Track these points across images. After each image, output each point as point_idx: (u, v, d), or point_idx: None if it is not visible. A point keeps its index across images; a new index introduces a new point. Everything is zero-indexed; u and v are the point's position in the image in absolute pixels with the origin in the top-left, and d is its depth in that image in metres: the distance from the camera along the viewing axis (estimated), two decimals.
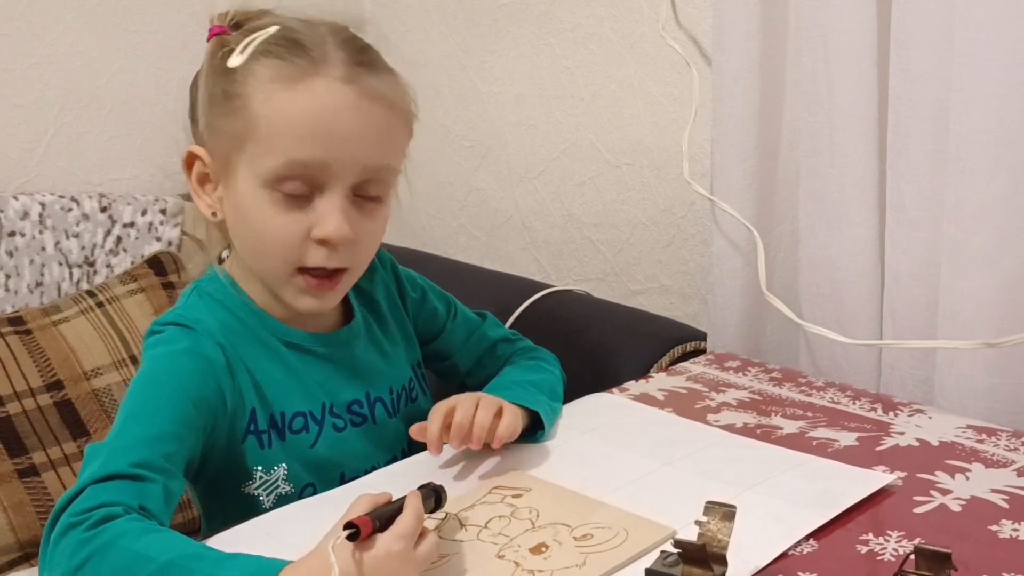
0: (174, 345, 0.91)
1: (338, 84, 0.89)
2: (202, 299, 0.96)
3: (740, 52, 1.21)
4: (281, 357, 0.96)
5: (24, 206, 1.41)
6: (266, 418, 0.94)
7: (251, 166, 0.90)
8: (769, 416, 1.06)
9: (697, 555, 0.70)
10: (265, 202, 0.90)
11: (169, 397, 0.87)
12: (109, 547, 0.74)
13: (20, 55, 1.52)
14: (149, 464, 0.82)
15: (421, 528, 0.77)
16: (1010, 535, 0.81)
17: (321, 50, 0.90)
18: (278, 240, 0.90)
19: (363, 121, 0.90)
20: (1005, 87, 1.01)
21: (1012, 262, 1.04)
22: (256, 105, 0.89)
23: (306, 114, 0.88)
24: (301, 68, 0.89)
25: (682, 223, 1.49)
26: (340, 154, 0.89)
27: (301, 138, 0.88)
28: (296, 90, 0.88)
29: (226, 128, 0.90)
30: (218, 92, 0.91)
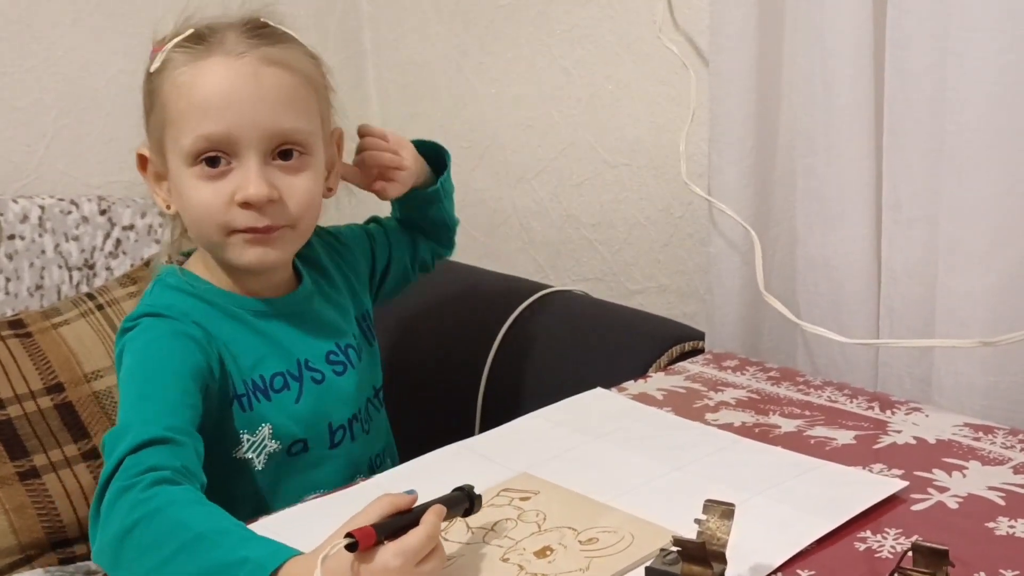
0: (153, 331, 0.97)
1: (232, 58, 0.97)
2: (164, 290, 1.03)
3: (737, 53, 1.21)
4: (252, 326, 1.03)
5: (24, 209, 1.41)
6: (242, 384, 1.00)
7: (174, 149, 0.98)
8: (767, 415, 1.07)
9: (696, 553, 0.70)
10: (191, 177, 0.97)
11: (169, 374, 0.93)
12: (158, 513, 0.80)
13: (19, 58, 1.52)
14: (178, 428, 0.88)
15: (431, 547, 0.75)
16: (1007, 532, 0.82)
17: (219, 35, 0.98)
18: (206, 209, 0.97)
19: (259, 87, 0.97)
20: (1000, 87, 1.01)
21: (1008, 260, 1.05)
22: (165, 93, 0.97)
23: (204, 89, 0.96)
24: (199, 52, 0.97)
25: (680, 223, 1.49)
26: (242, 121, 0.96)
27: (204, 114, 0.95)
28: (195, 71, 0.96)
29: (153, 124, 1.00)
30: (145, 97, 1.01)
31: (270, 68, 0.97)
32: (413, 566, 0.73)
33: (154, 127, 1.00)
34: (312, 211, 1.03)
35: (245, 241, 0.98)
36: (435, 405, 1.39)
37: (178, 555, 0.77)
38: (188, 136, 0.96)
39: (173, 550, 0.78)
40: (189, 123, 0.96)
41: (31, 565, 1.22)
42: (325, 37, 1.81)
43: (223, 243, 0.99)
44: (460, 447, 1.03)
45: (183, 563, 0.77)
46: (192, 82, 0.96)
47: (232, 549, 0.76)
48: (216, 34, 0.98)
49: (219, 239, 0.99)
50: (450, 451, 1.02)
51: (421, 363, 1.41)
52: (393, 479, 0.97)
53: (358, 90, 1.88)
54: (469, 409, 1.33)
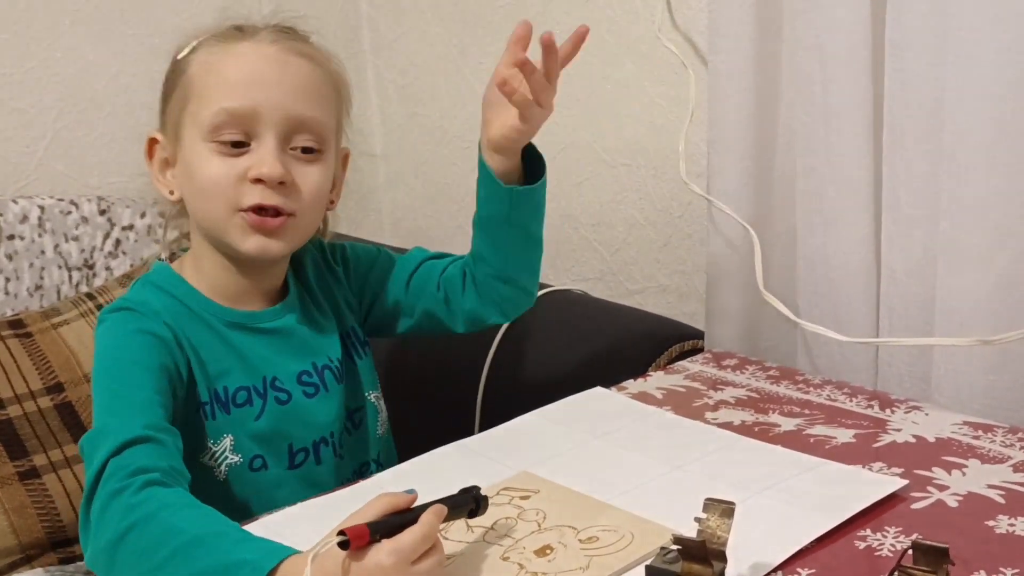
0: (121, 327, 0.98)
1: (264, 44, 1.00)
2: (146, 287, 1.03)
3: (735, 53, 1.21)
4: (223, 336, 1.02)
5: (23, 209, 1.41)
6: (207, 392, 1.00)
7: (193, 124, 0.99)
8: (767, 414, 1.07)
9: (697, 552, 0.70)
10: (206, 151, 0.98)
11: (139, 370, 0.94)
12: (151, 518, 0.80)
13: (18, 59, 1.52)
14: (156, 425, 0.88)
15: (426, 546, 0.74)
16: (1007, 530, 0.82)
17: (252, 29, 1.02)
18: (218, 182, 0.98)
19: (286, 73, 1.00)
20: (999, 86, 1.01)
21: (1008, 259, 1.05)
22: (192, 69, 1.00)
23: (235, 68, 0.99)
24: (232, 38, 1.01)
25: (679, 223, 1.50)
26: (267, 101, 0.98)
27: (231, 88, 0.98)
28: (226, 53, 1.00)
29: (173, 103, 1.01)
30: (168, 80, 1.03)
31: (298, 58, 1.01)
32: (407, 565, 0.73)
33: (173, 106, 1.01)
34: (318, 206, 1.03)
35: (249, 224, 0.98)
36: (435, 404, 1.39)
37: (174, 559, 0.77)
38: (211, 108, 0.97)
39: (168, 554, 0.78)
40: (214, 96, 0.98)
41: (31, 565, 1.22)
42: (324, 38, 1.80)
43: (227, 223, 0.99)
44: (460, 446, 1.03)
45: (179, 567, 0.77)
46: (222, 60, 0.99)
47: (228, 551, 0.76)
48: (250, 27, 1.02)
49: (224, 216, 0.99)
50: (449, 450, 1.02)
51: (421, 363, 1.41)
52: (392, 478, 0.97)
53: (357, 90, 1.86)
54: (469, 408, 1.33)
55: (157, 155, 1.04)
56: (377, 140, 1.92)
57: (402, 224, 1.92)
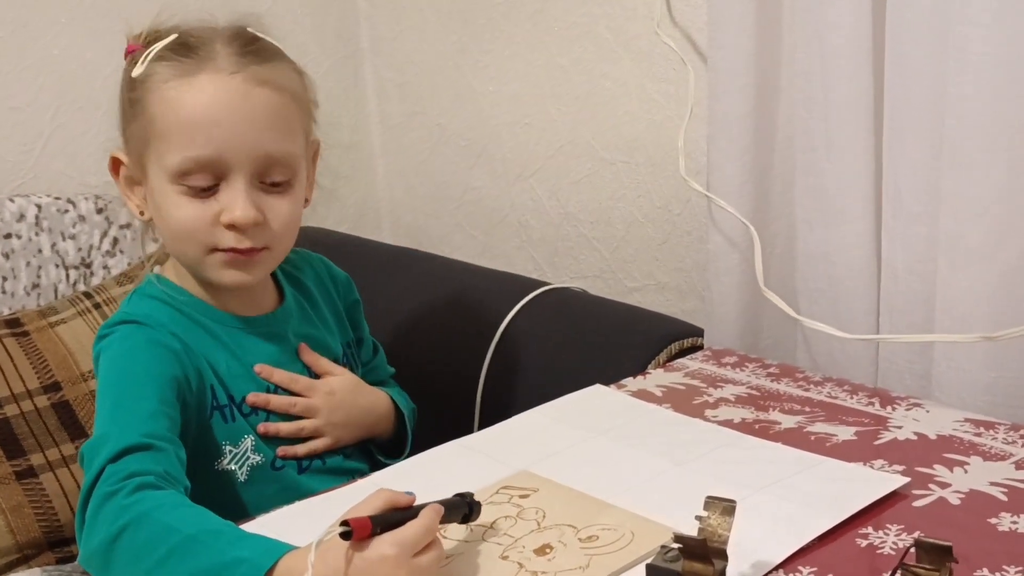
0: (130, 340, 0.96)
1: (223, 76, 0.94)
2: (143, 300, 1.02)
3: (735, 49, 1.21)
4: (225, 344, 1.02)
5: (20, 208, 1.40)
6: (224, 395, 1.00)
7: (157, 163, 0.96)
8: (767, 411, 1.06)
9: (698, 550, 0.70)
10: (173, 194, 0.96)
11: (146, 382, 0.92)
12: (144, 518, 0.79)
13: (15, 57, 1.51)
14: (157, 435, 0.88)
15: (428, 540, 0.75)
16: (1009, 528, 0.81)
17: (209, 48, 0.96)
18: (190, 227, 0.96)
19: (251, 109, 0.95)
20: (1001, 81, 1.01)
21: (1009, 256, 1.04)
22: (152, 106, 0.95)
23: (194, 109, 0.94)
24: (188, 67, 0.95)
25: (678, 220, 1.49)
26: (232, 144, 0.94)
27: (193, 134, 0.94)
28: (184, 87, 0.94)
29: (134, 132, 0.98)
30: (125, 101, 0.99)
31: (260, 89, 0.96)
32: (409, 557, 0.73)
33: (135, 136, 0.98)
34: (292, 233, 1.02)
35: (224, 262, 0.98)
36: (434, 403, 1.39)
37: (169, 559, 0.77)
38: (175, 155, 0.94)
39: (163, 554, 0.77)
40: (178, 142, 0.94)
41: (28, 564, 1.22)
42: (322, 35, 1.81)
43: (202, 261, 0.98)
44: (459, 444, 1.02)
45: (174, 567, 0.77)
46: (181, 99, 0.94)
47: (225, 550, 0.76)
48: (205, 46, 0.96)
49: (199, 256, 0.98)
50: (449, 449, 1.02)
51: (419, 361, 1.40)
52: (391, 477, 0.97)
53: (355, 89, 1.87)
54: (468, 407, 1.33)
55: (123, 173, 1.01)
56: (375, 138, 1.91)
57: (401, 222, 1.92)
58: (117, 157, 1.01)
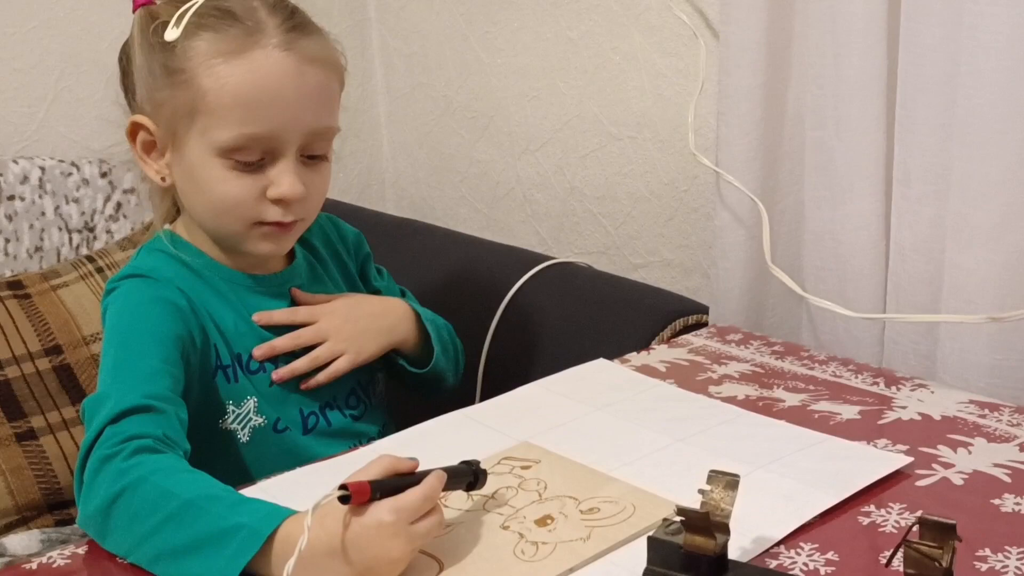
0: (136, 295, 0.96)
1: (277, 52, 0.94)
2: (151, 254, 1.01)
3: (747, 24, 1.20)
4: (233, 303, 1.01)
5: (24, 170, 1.40)
6: (228, 354, 1.00)
7: (202, 137, 0.94)
8: (771, 389, 1.06)
9: (700, 523, 0.69)
10: (219, 168, 0.95)
11: (149, 339, 0.92)
12: (142, 482, 0.78)
13: (20, 18, 1.50)
14: (158, 395, 0.87)
15: (427, 507, 0.75)
16: (1012, 509, 0.81)
17: (254, 18, 0.94)
18: (236, 202, 0.96)
19: (304, 87, 0.96)
20: (1013, 62, 1.00)
21: (1017, 238, 1.04)
22: (201, 80, 0.93)
23: (251, 87, 0.93)
24: (239, 40, 0.93)
25: (685, 196, 1.48)
26: (286, 121, 0.95)
27: (249, 111, 0.93)
28: (238, 63, 0.93)
29: (171, 101, 0.95)
30: (157, 66, 0.95)
31: (311, 66, 0.96)
32: (407, 524, 0.73)
33: (171, 104, 0.95)
34: (322, 202, 1.04)
35: (264, 235, 0.98)
36: None
37: (167, 524, 0.76)
38: (228, 132, 0.93)
39: (161, 519, 0.77)
40: (231, 119, 0.93)
41: (28, 526, 1.22)
42: (330, 5, 1.79)
43: (242, 233, 0.98)
44: (460, 415, 1.02)
45: (173, 532, 0.76)
46: (235, 77, 0.93)
47: (224, 515, 0.75)
48: (249, 15, 0.94)
49: (240, 229, 0.98)
50: (451, 419, 1.01)
51: None
52: (393, 445, 0.96)
53: (362, 59, 1.86)
54: (470, 380, 1.32)
55: (140, 137, 0.99)
56: (381, 109, 1.90)
57: (405, 194, 1.91)
58: (138, 122, 0.98)
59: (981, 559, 0.75)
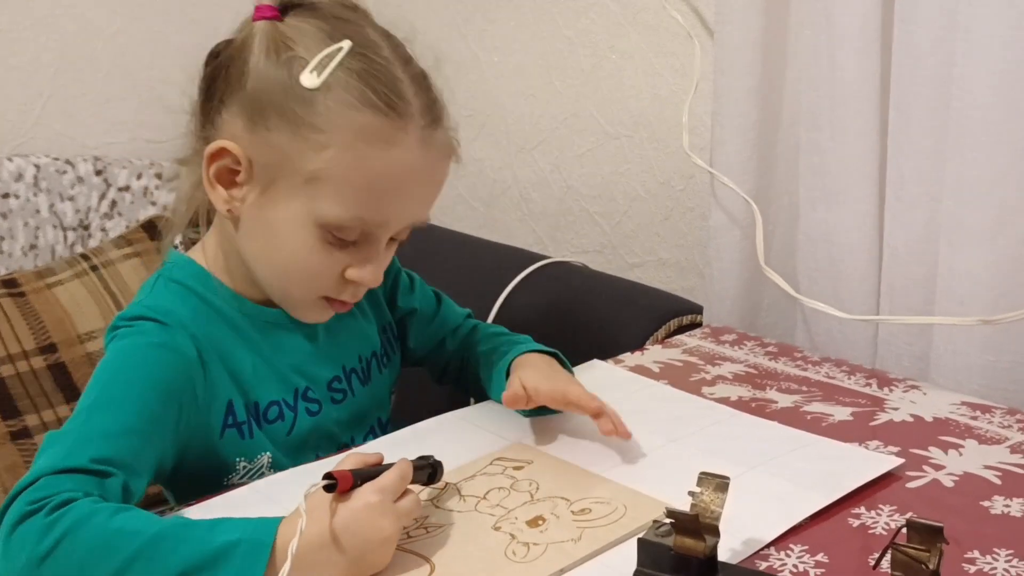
0: (147, 338, 0.87)
1: (417, 147, 0.87)
2: (169, 287, 0.93)
3: (742, 24, 1.20)
4: (253, 344, 0.94)
5: (19, 168, 1.40)
6: (243, 408, 0.92)
7: (309, 201, 0.86)
8: (764, 390, 1.06)
9: (690, 525, 0.70)
10: (312, 237, 0.88)
11: (138, 391, 0.84)
12: (79, 528, 0.71)
13: (16, 15, 1.50)
14: (111, 460, 0.78)
15: (404, 486, 0.77)
16: (1002, 511, 0.81)
17: (402, 99, 0.86)
18: (314, 274, 0.90)
19: (431, 183, 0.91)
20: (1007, 64, 1.00)
21: (1010, 240, 1.04)
22: (338, 152, 0.85)
23: (385, 177, 0.87)
24: (386, 126, 0.85)
25: (681, 196, 1.48)
26: (403, 213, 0.90)
27: (373, 198, 0.87)
28: (380, 149, 0.86)
29: (290, 151, 0.86)
30: (288, 109, 0.85)
31: (442, 162, 0.91)
32: (391, 502, 0.75)
33: (286, 154, 0.86)
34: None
35: (323, 307, 0.93)
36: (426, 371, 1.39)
37: (134, 564, 0.70)
38: (342, 210, 0.86)
39: (124, 560, 0.71)
40: (352, 200, 0.86)
41: None
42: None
43: (301, 301, 0.93)
44: (454, 416, 1.02)
45: (143, 571, 0.70)
46: (374, 161, 0.85)
47: (208, 539, 0.71)
48: (396, 93, 0.86)
49: (302, 296, 0.92)
50: (445, 420, 1.01)
51: None
52: (387, 445, 0.96)
53: None
54: None
55: (221, 163, 0.88)
56: None
57: None
58: (230, 151, 0.88)
59: (970, 561, 0.75)
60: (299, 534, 0.69)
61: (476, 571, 0.76)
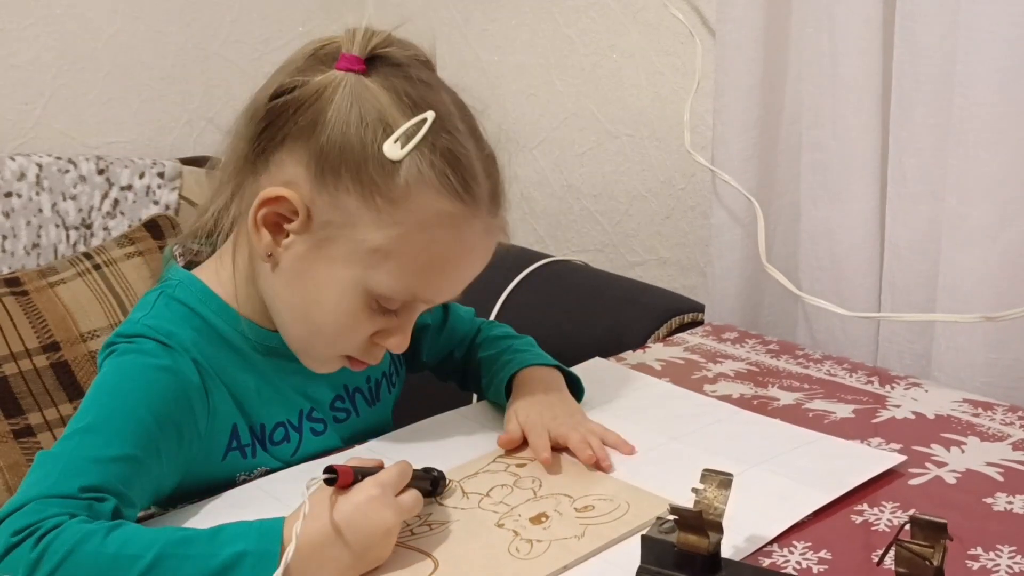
0: (149, 359, 0.84)
1: (481, 232, 0.86)
2: (171, 307, 0.89)
3: (744, 22, 1.20)
4: (255, 367, 0.91)
5: (21, 167, 1.40)
6: (248, 431, 0.91)
7: (364, 270, 0.83)
8: (766, 388, 1.06)
9: (693, 522, 0.70)
10: (357, 301, 0.85)
11: (136, 415, 0.80)
12: (73, 556, 0.69)
13: (17, 15, 1.50)
14: (102, 488, 0.76)
15: (404, 482, 0.78)
16: (1005, 508, 0.82)
17: (478, 186, 0.84)
18: (347, 336, 0.87)
19: (483, 263, 0.89)
20: (1009, 61, 1.00)
21: (1012, 237, 1.04)
22: (409, 232, 0.82)
23: (447, 259, 0.85)
24: (460, 211, 0.83)
25: (682, 195, 1.49)
26: (449, 292, 0.88)
27: (431, 277, 0.85)
28: (451, 233, 0.83)
29: (357, 216, 0.82)
30: (365, 173, 0.81)
31: (495, 243, 0.89)
32: (392, 496, 0.76)
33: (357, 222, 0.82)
34: None
35: (341, 362, 0.91)
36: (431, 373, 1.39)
37: None
38: (401, 285, 0.84)
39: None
40: (414, 279, 0.84)
41: None
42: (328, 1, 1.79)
43: (321, 356, 0.90)
44: (457, 414, 1.02)
45: None
46: (443, 247, 0.84)
47: (211, 554, 0.70)
48: (471, 177, 0.84)
49: (324, 352, 0.90)
50: (447, 418, 1.01)
51: None
52: (390, 444, 0.97)
53: None
54: None
55: (276, 208, 0.84)
56: None
57: None
58: (288, 199, 0.83)
59: (973, 558, 0.75)
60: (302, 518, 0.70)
61: (480, 568, 0.76)
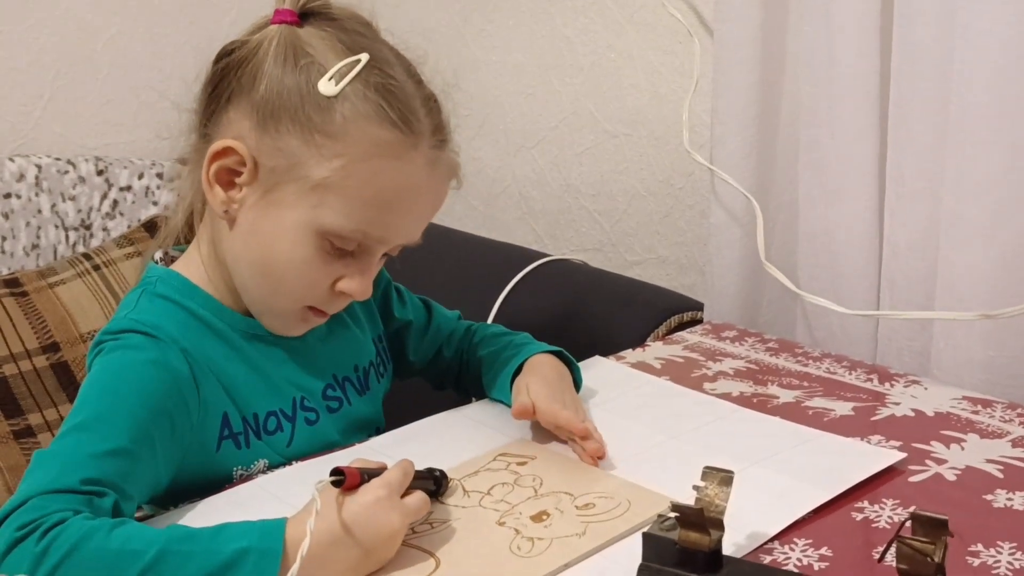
0: (138, 354, 0.85)
1: (425, 165, 0.87)
2: (154, 302, 0.90)
3: (742, 22, 1.20)
4: (245, 356, 0.92)
5: (20, 168, 1.40)
6: (239, 420, 0.91)
7: (312, 209, 0.85)
8: (765, 386, 1.06)
9: (694, 519, 0.70)
10: (310, 245, 0.86)
11: (129, 409, 0.81)
12: (76, 552, 0.70)
13: (16, 17, 1.50)
14: (101, 482, 0.76)
15: (408, 482, 0.78)
16: (1004, 504, 0.82)
17: (417, 119, 0.86)
18: (306, 283, 0.88)
19: (432, 203, 0.91)
20: (1006, 60, 1.00)
21: (1010, 235, 1.04)
22: (350, 163, 0.84)
23: (394, 193, 0.86)
24: (400, 142, 0.85)
25: (680, 194, 1.49)
26: (403, 231, 0.90)
27: (380, 213, 0.86)
28: (392, 165, 0.85)
29: (299, 157, 0.85)
30: (303, 114, 0.84)
31: (445, 183, 0.91)
32: (398, 498, 0.76)
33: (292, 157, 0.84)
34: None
35: (305, 318, 0.91)
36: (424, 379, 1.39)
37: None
38: (348, 222, 0.85)
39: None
40: (359, 213, 0.85)
41: None
42: None
43: (284, 310, 0.91)
44: (457, 413, 1.02)
45: None
46: (386, 179, 0.85)
47: (214, 551, 0.70)
48: (410, 111, 0.86)
49: (286, 305, 0.90)
50: (447, 417, 1.02)
51: None
52: (390, 442, 0.97)
53: None
54: None
55: (223, 163, 0.86)
56: None
57: None
58: (236, 150, 0.86)
59: (974, 554, 0.75)
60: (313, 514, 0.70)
61: (481, 566, 0.76)
